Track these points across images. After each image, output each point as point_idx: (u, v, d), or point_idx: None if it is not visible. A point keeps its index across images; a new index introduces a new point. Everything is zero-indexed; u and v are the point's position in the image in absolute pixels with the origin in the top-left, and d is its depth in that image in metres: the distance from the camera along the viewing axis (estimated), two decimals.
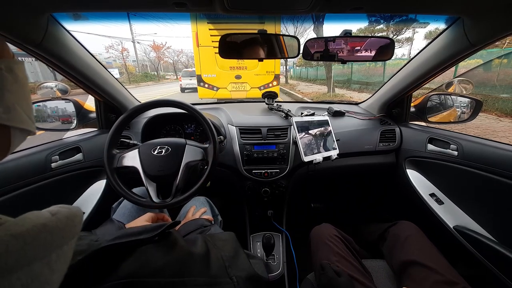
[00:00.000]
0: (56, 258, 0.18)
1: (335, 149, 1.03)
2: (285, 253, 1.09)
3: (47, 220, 0.19)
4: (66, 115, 1.09)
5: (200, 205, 0.93)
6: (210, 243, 0.39)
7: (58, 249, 0.19)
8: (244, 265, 0.39)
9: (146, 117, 1.13)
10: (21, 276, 0.15)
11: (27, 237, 0.16)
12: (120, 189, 0.76)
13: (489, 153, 0.81)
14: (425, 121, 1.19)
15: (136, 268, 0.28)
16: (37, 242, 0.17)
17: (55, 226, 0.19)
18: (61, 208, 0.22)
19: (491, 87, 5.71)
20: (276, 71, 5.40)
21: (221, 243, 0.41)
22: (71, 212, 0.22)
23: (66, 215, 0.21)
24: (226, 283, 0.33)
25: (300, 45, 0.86)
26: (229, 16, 1.27)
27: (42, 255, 0.17)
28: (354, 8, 0.61)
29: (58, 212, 0.20)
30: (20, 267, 0.15)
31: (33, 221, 0.18)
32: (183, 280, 0.29)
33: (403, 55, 16.27)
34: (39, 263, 0.17)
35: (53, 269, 0.18)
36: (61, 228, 0.19)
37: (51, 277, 0.17)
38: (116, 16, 7.95)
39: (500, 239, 0.77)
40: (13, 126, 0.23)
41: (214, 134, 0.80)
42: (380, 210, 1.49)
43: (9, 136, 0.23)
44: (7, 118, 0.22)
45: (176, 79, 29.77)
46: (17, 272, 0.15)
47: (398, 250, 0.74)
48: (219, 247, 0.39)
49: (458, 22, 0.73)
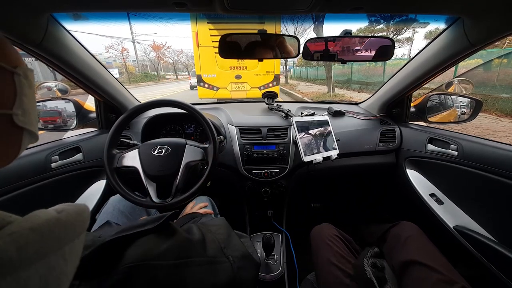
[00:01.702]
0: (69, 251, 0.19)
1: (335, 149, 1.03)
2: (285, 253, 1.09)
3: (59, 215, 0.19)
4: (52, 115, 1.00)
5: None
6: (204, 229, 0.42)
7: (71, 242, 0.20)
8: (237, 246, 0.42)
9: (146, 117, 1.13)
10: (39, 268, 0.16)
11: (44, 231, 0.17)
12: (120, 189, 0.76)
13: (489, 153, 0.81)
14: (425, 121, 1.19)
15: (141, 254, 0.30)
16: (53, 235, 0.18)
17: (67, 220, 0.20)
18: (67, 206, 0.23)
19: (491, 87, 5.71)
20: (276, 71, 5.39)
21: (215, 227, 0.45)
22: (80, 208, 0.23)
23: (75, 210, 0.22)
24: (223, 262, 0.37)
25: (300, 45, 0.86)
26: (229, 16, 1.27)
27: (57, 248, 0.18)
28: (354, 8, 0.61)
29: (64, 210, 0.21)
30: (38, 259, 0.16)
31: (44, 217, 0.19)
32: (185, 261, 0.32)
33: (403, 55, 16.28)
34: (54, 255, 0.18)
35: (67, 260, 0.19)
36: (72, 222, 0.20)
37: (66, 269, 0.18)
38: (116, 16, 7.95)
39: (500, 239, 0.77)
40: (26, 129, 0.24)
41: (214, 134, 0.80)
42: (380, 210, 1.49)
43: (21, 138, 0.25)
44: (24, 121, 0.24)
45: (176, 79, 29.85)
46: (35, 264, 0.16)
47: (398, 250, 0.74)
48: (213, 232, 0.42)
49: (458, 22, 0.73)
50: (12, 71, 0.23)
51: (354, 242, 0.84)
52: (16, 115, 0.23)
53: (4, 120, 0.22)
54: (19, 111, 0.23)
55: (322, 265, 0.74)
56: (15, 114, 0.23)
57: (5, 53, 0.23)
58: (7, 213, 0.18)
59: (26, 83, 0.25)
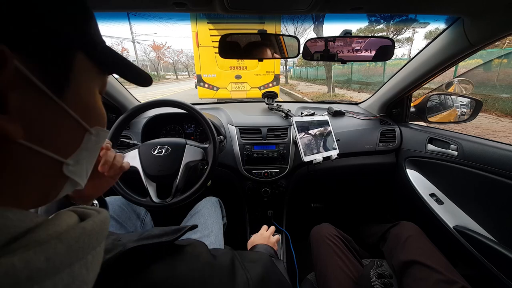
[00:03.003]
0: (92, 259, 0.19)
1: (335, 149, 1.04)
2: (285, 253, 1.09)
3: (85, 225, 0.20)
4: None
5: (212, 206, 0.92)
6: (238, 261, 0.36)
7: (93, 250, 0.20)
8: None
9: (146, 117, 1.13)
10: (64, 277, 0.16)
11: (71, 240, 0.17)
12: (119, 189, 0.76)
13: (489, 153, 0.81)
14: (425, 121, 1.19)
15: (165, 278, 0.28)
16: (78, 245, 0.18)
17: (92, 229, 0.20)
18: (92, 211, 0.23)
19: (491, 87, 5.72)
20: (276, 71, 5.39)
21: (250, 265, 0.37)
22: (104, 216, 0.23)
23: (101, 219, 0.21)
24: None
25: (300, 45, 0.86)
26: (229, 16, 1.27)
27: (81, 257, 0.18)
28: (354, 8, 0.61)
29: (89, 216, 0.21)
30: (63, 269, 0.16)
31: (70, 223, 0.19)
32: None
33: (403, 55, 16.30)
34: (78, 264, 0.18)
35: (89, 269, 0.19)
36: (97, 231, 0.20)
37: (88, 277, 0.19)
38: (116, 16, 7.92)
39: (500, 239, 0.77)
40: (71, 179, 0.25)
41: (214, 134, 0.80)
42: (380, 210, 1.49)
43: (63, 185, 0.25)
44: (73, 171, 0.24)
45: (176, 79, 29.87)
46: (60, 273, 0.16)
47: (399, 250, 0.74)
48: (246, 268, 0.36)
49: (458, 22, 0.73)
50: (87, 129, 0.24)
51: (354, 242, 0.84)
52: (67, 165, 0.23)
53: (54, 165, 0.23)
54: (72, 161, 0.24)
55: (322, 265, 0.74)
56: (66, 164, 0.23)
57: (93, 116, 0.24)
58: (34, 213, 0.18)
59: (93, 140, 0.25)
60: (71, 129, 0.23)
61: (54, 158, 0.22)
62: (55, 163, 0.22)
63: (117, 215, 0.81)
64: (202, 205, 0.92)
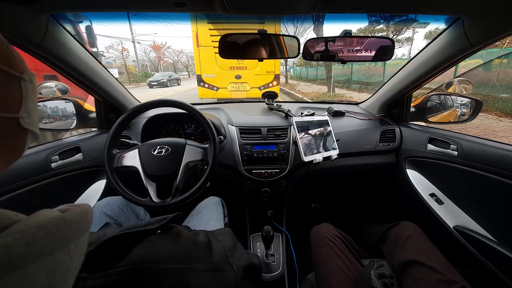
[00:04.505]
0: (75, 248, 0.20)
1: (335, 149, 1.04)
2: (285, 253, 1.09)
3: (64, 214, 0.21)
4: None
5: (213, 206, 0.92)
6: (212, 236, 0.42)
7: (76, 240, 0.21)
8: (242, 255, 0.42)
9: (146, 117, 1.13)
10: (45, 263, 0.17)
11: (50, 228, 0.18)
12: (120, 189, 0.76)
13: (489, 153, 0.81)
14: (425, 121, 1.19)
15: (147, 255, 0.30)
16: (59, 233, 0.19)
17: (72, 219, 0.21)
18: (72, 206, 0.24)
19: (491, 87, 5.71)
20: (276, 71, 5.39)
21: (221, 236, 0.44)
22: (84, 208, 0.24)
23: (80, 210, 0.23)
24: (228, 270, 0.36)
25: (300, 45, 0.86)
26: (229, 16, 1.27)
27: (63, 245, 0.19)
28: (354, 8, 0.61)
29: (69, 209, 0.22)
30: (44, 255, 0.17)
31: (50, 216, 0.20)
32: (189, 266, 0.32)
33: (403, 55, 16.27)
34: (60, 252, 0.19)
35: (72, 257, 0.20)
36: (77, 221, 0.21)
37: (71, 264, 0.20)
38: (116, 16, 7.94)
39: (500, 239, 0.77)
40: (31, 130, 0.26)
41: (214, 134, 0.80)
42: (380, 210, 1.49)
43: (25, 139, 0.26)
44: (29, 123, 0.25)
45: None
46: (41, 259, 0.17)
47: (399, 250, 0.74)
48: (219, 240, 0.42)
49: (458, 22, 0.73)
50: (19, 77, 0.25)
51: (354, 242, 0.84)
52: (22, 118, 0.24)
53: (11, 123, 0.24)
54: (25, 114, 0.25)
55: (322, 265, 0.74)
56: (21, 117, 0.24)
57: (12, 60, 0.24)
58: (13, 212, 0.19)
59: (30, 88, 0.26)
60: (5, 84, 0.23)
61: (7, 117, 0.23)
62: (11, 120, 0.23)
63: (116, 216, 0.81)
64: (204, 205, 0.91)
